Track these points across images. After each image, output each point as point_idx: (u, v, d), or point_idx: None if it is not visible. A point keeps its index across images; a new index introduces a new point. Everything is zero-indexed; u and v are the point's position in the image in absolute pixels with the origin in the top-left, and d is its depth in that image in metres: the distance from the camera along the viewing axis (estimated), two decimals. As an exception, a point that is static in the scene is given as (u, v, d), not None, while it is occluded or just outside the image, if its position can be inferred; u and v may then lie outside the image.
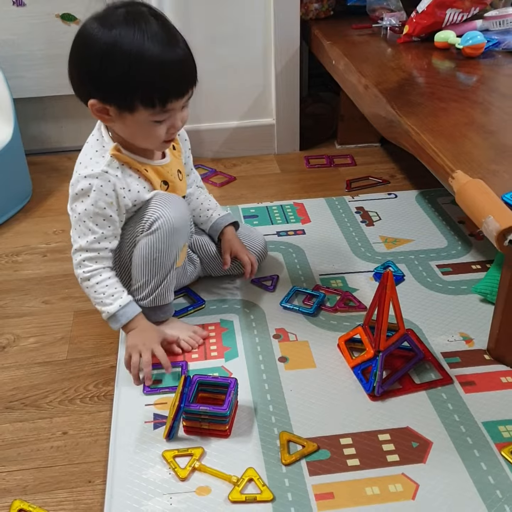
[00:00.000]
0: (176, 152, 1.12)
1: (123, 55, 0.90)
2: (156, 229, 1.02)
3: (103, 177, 0.99)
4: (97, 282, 1.03)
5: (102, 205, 1.00)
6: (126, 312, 1.03)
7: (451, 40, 1.50)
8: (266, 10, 1.72)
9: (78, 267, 1.04)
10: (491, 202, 0.88)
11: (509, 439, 0.89)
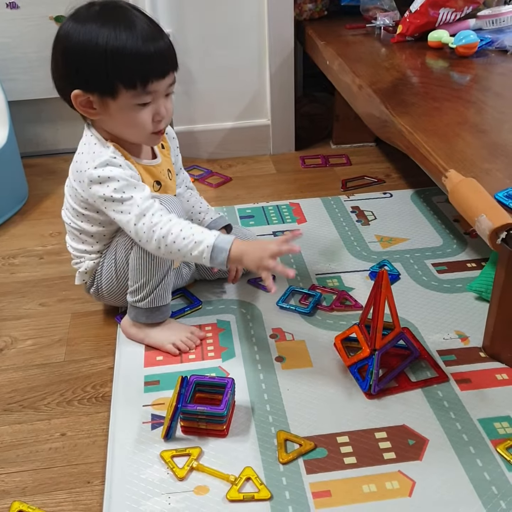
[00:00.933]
0: (165, 151, 1.13)
1: (102, 41, 0.93)
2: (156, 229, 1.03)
3: (113, 162, 0.99)
4: (181, 229, 0.97)
5: (126, 177, 0.99)
6: (224, 238, 0.97)
7: (445, 39, 1.51)
8: (260, 11, 1.72)
9: (151, 233, 0.97)
10: (484, 201, 0.89)
11: (504, 435, 0.90)
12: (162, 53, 0.97)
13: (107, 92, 0.96)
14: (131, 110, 0.98)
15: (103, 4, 0.97)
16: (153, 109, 0.99)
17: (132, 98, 0.96)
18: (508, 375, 1.01)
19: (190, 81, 1.79)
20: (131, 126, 1.00)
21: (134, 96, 0.96)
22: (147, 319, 1.10)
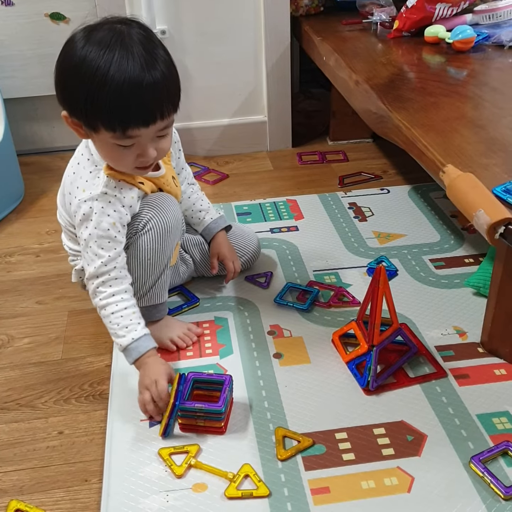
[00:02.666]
0: (166, 158, 1.10)
1: (88, 74, 0.87)
2: (149, 229, 1.02)
3: (103, 199, 0.97)
4: (112, 312, 0.98)
5: (105, 227, 0.97)
6: (138, 347, 0.97)
7: (441, 34, 1.51)
8: (256, 7, 1.72)
9: (94, 296, 0.99)
10: (482, 196, 0.89)
11: (503, 431, 0.90)
12: (148, 101, 0.88)
13: (88, 126, 0.92)
14: (113, 148, 0.93)
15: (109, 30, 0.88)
16: (138, 150, 0.93)
17: (111, 139, 0.91)
18: (507, 370, 1.00)
19: (186, 78, 1.78)
20: (114, 160, 0.96)
21: (113, 138, 0.91)
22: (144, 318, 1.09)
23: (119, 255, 1.00)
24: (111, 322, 0.98)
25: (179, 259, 1.20)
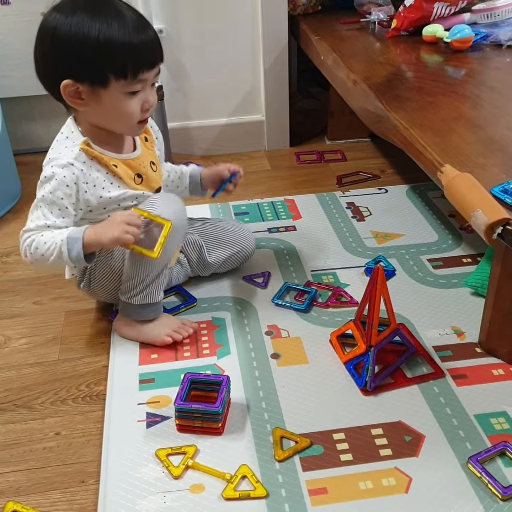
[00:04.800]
0: (149, 143, 1.13)
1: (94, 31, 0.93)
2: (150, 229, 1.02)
3: (68, 169, 0.99)
4: (42, 234, 0.99)
5: (59, 195, 0.99)
6: (77, 228, 0.99)
7: (439, 33, 1.51)
8: (253, 6, 1.71)
9: (25, 248, 1.00)
10: (480, 196, 0.88)
11: (501, 431, 0.90)
12: (152, 43, 0.97)
13: (98, 82, 0.96)
14: (121, 99, 0.98)
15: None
16: (142, 97, 1.00)
17: (123, 87, 0.97)
18: (504, 370, 1.00)
19: (184, 77, 1.78)
20: (120, 116, 1.01)
21: (124, 86, 0.97)
22: (138, 316, 1.09)
23: (65, 226, 1.01)
24: (46, 242, 0.98)
25: None
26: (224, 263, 1.24)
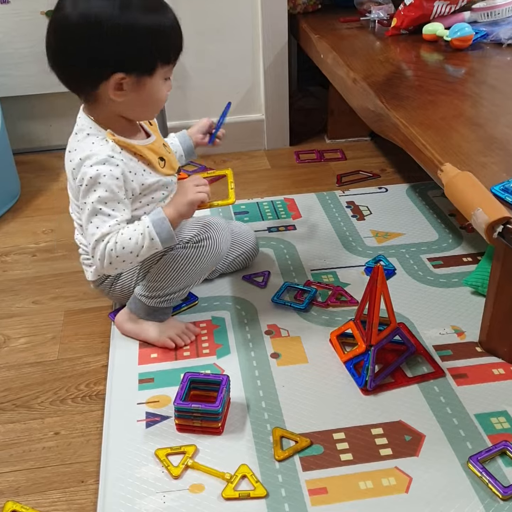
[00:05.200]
0: (153, 127, 1.12)
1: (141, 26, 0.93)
2: (203, 245, 1.06)
3: (111, 162, 0.96)
4: (122, 233, 0.96)
5: (115, 189, 0.96)
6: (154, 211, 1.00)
7: (439, 32, 1.50)
8: (253, 5, 1.71)
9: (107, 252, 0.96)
10: (480, 195, 0.88)
11: (501, 430, 0.90)
12: (179, 26, 0.99)
13: (147, 71, 0.96)
14: (161, 84, 1.00)
15: None
16: (169, 81, 1.02)
17: (165, 73, 0.99)
18: (505, 370, 1.00)
19: (184, 76, 1.78)
20: (155, 102, 1.01)
21: (167, 71, 1.00)
22: (147, 316, 1.09)
23: (128, 218, 0.99)
24: (131, 238, 0.96)
25: None
26: (230, 265, 1.25)
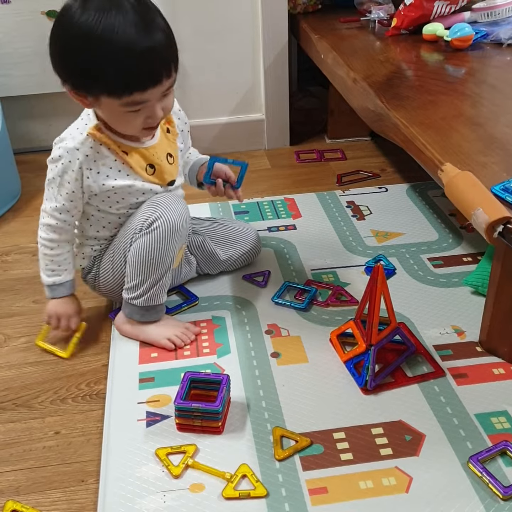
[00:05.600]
0: (171, 135, 1.10)
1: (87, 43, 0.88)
2: (155, 228, 1.02)
3: (73, 154, 1.00)
4: (45, 254, 1.08)
5: (66, 179, 1.02)
6: (57, 289, 1.10)
7: (439, 32, 1.50)
8: (253, 5, 1.71)
9: (40, 228, 1.08)
10: (480, 194, 0.88)
11: (501, 430, 0.90)
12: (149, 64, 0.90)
13: (92, 96, 0.94)
14: (121, 113, 0.95)
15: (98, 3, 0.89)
16: (146, 112, 0.96)
17: (119, 107, 0.93)
18: (505, 370, 1.00)
19: (184, 76, 1.78)
20: (122, 125, 0.99)
21: (120, 106, 0.93)
22: (141, 317, 1.09)
23: (74, 207, 1.05)
24: (42, 259, 1.09)
25: (184, 260, 1.20)
26: (235, 262, 1.25)
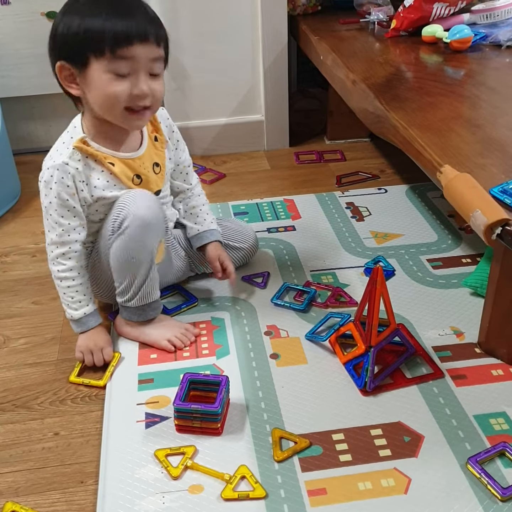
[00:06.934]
0: (159, 144, 1.10)
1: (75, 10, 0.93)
2: (126, 227, 1.00)
3: (63, 169, 1.00)
4: (68, 286, 1.05)
5: (64, 197, 1.01)
6: (88, 321, 1.07)
7: (439, 34, 1.50)
8: (253, 6, 1.71)
9: (52, 263, 1.06)
10: (479, 196, 0.88)
11: (500, 431, 0.90)
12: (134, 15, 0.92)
13: (80, 63, 0.94)
14: (106, 80, 0.93)
15: None
16: (132, 82, 0.94)
17: (105, 66, 0.92)
18: (504, 371, 1.00)
19: (184, 77, 1.78)
20: (106, 99, 0.95)
21: (107, 64, 0.92)
22: (139, 318, 1.09)
23: (80, 224, 1.04)
24: (66, 294, 1.06)
25: (174, 255, 1.19)
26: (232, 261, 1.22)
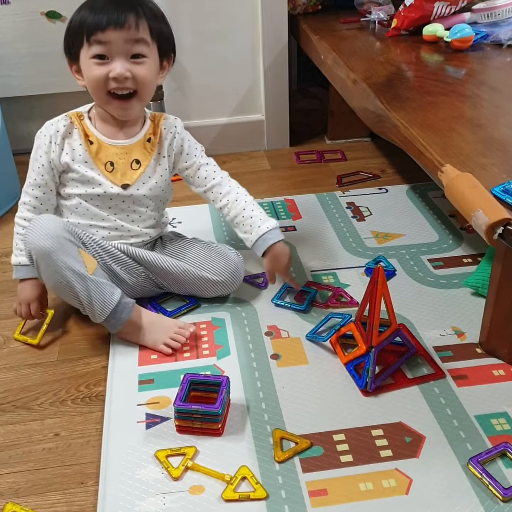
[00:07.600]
0: (149, 145, 1.13)
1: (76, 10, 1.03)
2: (36, 261, 1.04)
3: (48, 128, 1.09)
4: (17, 233, 1.13)
5: (40, 152, 1.09)
6: (20, 270, 1.13)
7: (439, 33, 1.50)
8: (253, 5, 1.71)
9: (18, 207, 1.14)
10: (480, 196, 0.88)
11: (501, 432, 0.90)
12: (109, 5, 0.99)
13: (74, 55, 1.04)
14: (89, 65, 1.03)
15: None
16: (110, 66, 1.02)
17: (86, 53, 1.01)
18: (505, 371, 1.00)
19: (184, 77, 1.78)
20: (90, 84, 1.04)
21: (87, 51, 1.01)
22: (117, 327, 1.08)
23: (45, 185, 1.10)
24: (15, 238, 1.14)
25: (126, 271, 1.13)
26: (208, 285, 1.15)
